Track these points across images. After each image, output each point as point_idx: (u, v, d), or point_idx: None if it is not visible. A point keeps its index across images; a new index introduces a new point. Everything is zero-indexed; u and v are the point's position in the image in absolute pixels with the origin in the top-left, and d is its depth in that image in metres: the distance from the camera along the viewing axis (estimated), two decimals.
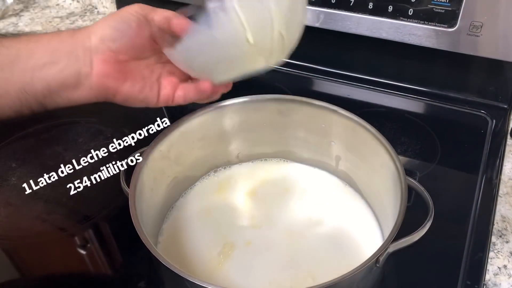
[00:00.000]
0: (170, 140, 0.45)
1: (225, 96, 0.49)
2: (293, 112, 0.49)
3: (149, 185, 0.43)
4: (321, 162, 0.52)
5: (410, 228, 0.37)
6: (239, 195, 0.50)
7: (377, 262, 0.35)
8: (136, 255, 0.47)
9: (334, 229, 0.46)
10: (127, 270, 0.46)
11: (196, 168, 0.50)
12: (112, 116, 0.67)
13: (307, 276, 0.42)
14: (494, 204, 0.51)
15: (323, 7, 0.65)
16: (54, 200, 0.53)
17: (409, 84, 0.68)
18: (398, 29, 0.62)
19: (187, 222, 0.47)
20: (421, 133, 0.61)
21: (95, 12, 0.96)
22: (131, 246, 0.47)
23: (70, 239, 0.50)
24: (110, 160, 0.58)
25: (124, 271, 0.47)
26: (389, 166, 0.41)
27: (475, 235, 0.48)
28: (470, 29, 0.58)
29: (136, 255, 0.47)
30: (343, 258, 0.43)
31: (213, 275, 0.42)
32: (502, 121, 0.62)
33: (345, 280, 0.33)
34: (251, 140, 0.52)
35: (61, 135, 0.63)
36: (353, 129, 0.46)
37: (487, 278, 0.45)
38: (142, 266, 0.46)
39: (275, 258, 0.44)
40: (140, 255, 0.47)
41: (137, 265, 0.46)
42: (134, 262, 0.47)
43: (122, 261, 0.48)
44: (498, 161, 0.56)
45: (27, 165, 0.58)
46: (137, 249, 0.47)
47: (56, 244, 0.49)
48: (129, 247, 0.48)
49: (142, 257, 0.46)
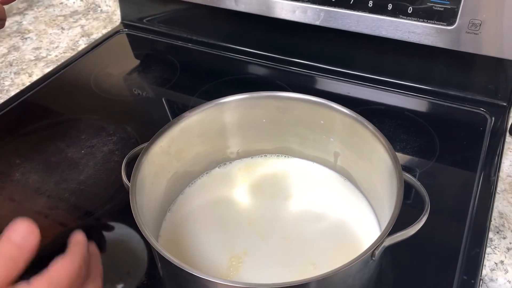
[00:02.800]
0: (171, 135, 0.46)
1: (225, 93, 0.49)
2: (292, 108, 0.49)
3: (150, 179, 0.43)
4: (320, 158, 0.52)
5: (408, 224, 0.37)
6: (239, 190, 0.51)
7: (372, 255, 0.36)
8: (138, 248, 0.47)
9: (333, 223, 0.47)
10: (128, 265, 0.47)
11: (196, 164, 0.51)
12: (114, 113, 0.68)
13: (307, 268, 0.42)
14: (492, 201, 0.51)
15: (323, 5, 0.66)
16: (56, 195, 0.54)
17: (409, 82, 0.68)
18: (398, 27, 0.62)
19: (188, 217, 0.48)
20: (420, 130, 0.61)
21: (99, 11, 0.97)
22: (133, 241, 0.48)
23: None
24: (112, 156, 0.59)
25: (125, 265, 0.47)
26: (386, 161, 0.42)
27: (473, 231, 0.48)
28: (469, 27, 0.58)
29: (138, 248, 0.47)
30: (342, 251, 0.44)
31: (212, 268, 0.43)
32: (501, 118, 0.62)
33: (340, 273, 0.33)
34: (251, 136, 0.52)
35: (64, 131, 0.64)
36: (351, 125, 0.46)
37: (484, 273, 0.45)
38: (143, 260, 0.47)
39: (274, 252, 0.44)
40: (142, 249, 0.47)
41: (138, 260, 0.47)
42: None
43: (122, 256, 0.48)
44: (497, 159, 0.57)
45: (30, 161, 0.59)
46: (138, 244, 0.48)
47: (57, 239, 0.50)
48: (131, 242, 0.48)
49: (143, 251, 0.47)
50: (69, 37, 0.88)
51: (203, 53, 0.80)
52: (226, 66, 0.77)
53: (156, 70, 0.77)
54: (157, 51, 0.83)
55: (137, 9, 0.87)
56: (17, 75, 0.77)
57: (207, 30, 0.82)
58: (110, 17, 0.94)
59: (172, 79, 0.74)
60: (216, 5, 0.74)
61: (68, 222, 0.51)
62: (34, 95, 0.72)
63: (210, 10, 0.76)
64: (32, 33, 0.90)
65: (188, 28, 0.83)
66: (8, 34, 0.89)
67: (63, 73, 0.77)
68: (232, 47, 0.79)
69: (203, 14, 0.80)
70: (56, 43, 0.86)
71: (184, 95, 0.71)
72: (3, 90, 0.74)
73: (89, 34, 0.89)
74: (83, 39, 0.87)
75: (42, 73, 0.77)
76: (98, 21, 0.93)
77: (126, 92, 0.73)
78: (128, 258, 0.47)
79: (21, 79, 0.76)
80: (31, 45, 0.86)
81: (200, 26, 0.82)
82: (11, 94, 0.72)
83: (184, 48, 0.82)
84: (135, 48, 0.85)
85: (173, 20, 0.85)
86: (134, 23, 0.88)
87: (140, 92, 0.72)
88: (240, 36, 0.79)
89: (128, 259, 0.47)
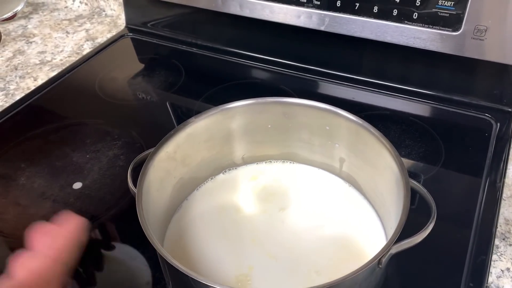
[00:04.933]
0: (177, 141, 0.46)
1: (230, 97, 0.49)
2: (298, 114, 0.49)
3: (156, 185, 0.43)
4: (325, 164, 0.52)
5: (413, 231, 0.37)
6: (243, 196, 0.51)
7: (379, 263, 0.36)
8: (143, 255, 0.47)
9: (338, 230, 0.47)
10: (133, 270, 0.47)
11: (201, 170, 0.51)
12: (119, 117, 0.68)
13: (312, 276, 0.42)
14: (497, 207, 0.51)
15: (328, 11, 0.66)
16: (62, 200, 0.54)
17: (414, 87, 0.68)
18: (403, 33, 0.62)
19: (193, 223, 0.48)
20: (425, 136, 0.61)
21: (103, 15, 0.97)
22: (137, 246, 0.48)
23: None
24: (117, 160, 0.59)
25: (130, 270, 0.47)
26: (392, 167, 0.42)
27: (479, 238, 0.48)
28: (474, 33, 0.58)
29: (143, 254, 0.48)
30: (347, 259, 0.44)
31: (217, 274, 0.43)
32: (506, 124, 0.62)
33: (347, 281, 0.33)
34: (256, 142, 0.52)
35: (69, 136, 0.64)
36: (357, 131, 0.46)
37: (490, 280, 0.45)
38: (149, 265, 0.47)
39: (279, 258, 0.44)
40: (146, 255, 0.47)
41: (144, 265, 0.47)
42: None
43: (128, 261, 0.48)
44: (502, 164, 0.56)
45: (35, 166, 0.59)
46: (143, 249, 0.48)
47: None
48: (135, 247, 0.48)
49: (148, 257, 0.47)
50: (74, 41, 0.88)
51: (207, 57, 0.80)
52: (230, 70, 0.78)
53: (160, 74, 0.77)
54: (161, 55, 0.84)
55: (141, 14, 0.87)
56: (22, 79, 0.77)
57: (211, 35, 0.82)
58: (115, 21, 0.95)
59: (177, 84, 0.74)
60: (221, 10, 0.74)
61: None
62: (39, 99, 0.72)
63: (215, 15, 0.76)
64: (37, 37, 0.90)
65: (192, 32, 0.83)
66: (13, 38, 0.90)
67: (68, 77, 0.77)
68: (236, 51, 0.79)
69: (208, 18, 0.80)
70: (61, 47, 0.86)
71: (189, 100, 0.71)
72: (9, 94, 0.74)
73: (94, 38, 0.89)
74: (87, 43, 0.87)
75: (47, 77, 0.77)
76: (103, 25, 0.93)
77: (130, 96, 0.73)
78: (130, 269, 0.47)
79: (26, 83, 0.76)
80: (36, 49, 0.86)
81: (204, 30, 0.82)
82: (16, 98, 0.73)
83: (188, 53, 0.82)
84: (140, 52, 0.85)
85: (177, 25, 0.85)
86: (138, 27, 0.88)
87: (145, 96, 0.73)
88: (245, 41, 0.79)
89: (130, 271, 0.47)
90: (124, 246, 0.49)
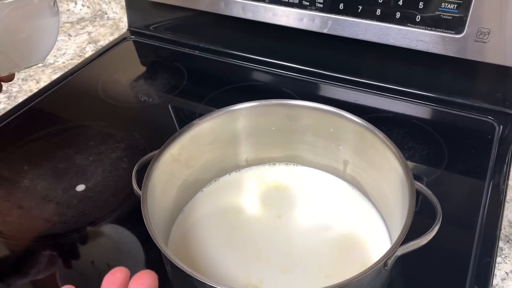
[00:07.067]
0: (181, 143, 0.46)
1: (233, 100, 0.49)
2: (302, 116, 0.49)
3: (160, 187, 0.43)
4: (329, 166, 0.52)
5: (417, 233, 0.37)
6: (247, 198, 0.51)
7: (385, 265, 0.35)
8: (147, 256, 0.47)
9: (342, 233, 0.47)
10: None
11: (205, 172, 0.51)
12: (122, 120, 0.68)
13: (320, 278, 0.42)
14: (501, 210, 0.51)
15: (331, 14, 0.66)
16: (65, 202, 0.54)
17: (417, 90, 0.68)
18: (406, 35, 0.63)
19: (197, 225, 0.48)
20: (428, 138, 0.61)
21: (105, 18, 0.97)
22: (142, 248, 0.48)
23: (80, 241, 0.51)
24: (120, 163, 0.59)
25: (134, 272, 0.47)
26: (397, 170, 0.42)
27: (483, 240, 0.48)
28: (477, 35, 0.58)
29: (147, 255, 0.47)
30: (351, 261, 0.44)
31: (221, 276, 0.42)
32: (509, 127, 0.62)
33: (353, 283, 0.33)
34: (260, 144, 0.52)
35: (72, 138, 0.64)
36: (361, 133, 0.46)
37: (495, 283, 0.45)
38: (152, 267, 0.46)
39: (284, 261, 0.44)
40: (151, 257, 0.47)
41: (148, 267, 0.47)
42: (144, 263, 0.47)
43: (132, 263, 0.48)
44: (506, 167, 0.56)
45: (38, 168, 0.59)
46: (147, 251, 0.48)
47: (66, 246, 0.50)
48: (140, 249, 0.48)
49: (152, 259, 0.47)
50: (76, 44, 0.88)
51: (210, 60, 0.81)
52: (233, 73, 0.78)
53: (163, 77, 0.77)
54: (163, 58, 0.84)
55: (143, 16, 0.87)
56: (24, 82, 0.77)
57: (213, 37, 0.82)
58: (117, 24, 0.95)
59: (179, 86, 0.74)
60: (223, 12, 0.74)
61: (78, 228, 0.51)
62: (42, 102, 0.72)
63: (217, 18, 0.76)
64: None
65: (194, 35, 0.83)
66: None
67: (70, 79, 0.77)
68: (239, 54, 0.79)
69: (210, 21, 0.80)
70: (63, 50, 0.87)
71: (192, 102, 0.71)
72: (11, 97, 0.74)
73: (96, 41, 0.89)
74: (90, 46, 0.88)
75: (50, 80, 0.77)
76: (105, 28, 0.93)
77: (133, 99, 0.74)
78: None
79: (28, 86, 0.76)
80: None
81: (206, 33, 0.83)
82: (18, 100, 0.73)
83: (190, 55, 0.82)
84: (142, 55, 0.85)
85: (179, 27, 0.85)
86: (140, 30, 0.88)
87: (147, 99, 0.73)
88: (247, 43, 0.79)
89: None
90: (127, 247, 0.49)
